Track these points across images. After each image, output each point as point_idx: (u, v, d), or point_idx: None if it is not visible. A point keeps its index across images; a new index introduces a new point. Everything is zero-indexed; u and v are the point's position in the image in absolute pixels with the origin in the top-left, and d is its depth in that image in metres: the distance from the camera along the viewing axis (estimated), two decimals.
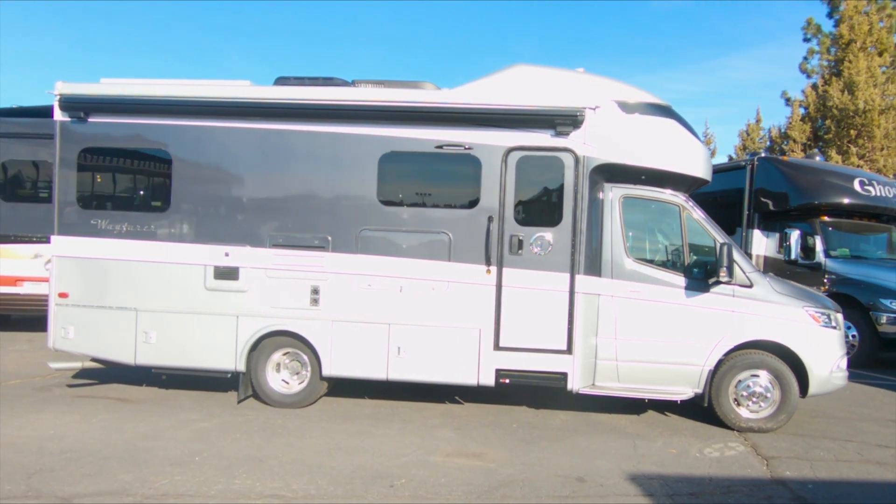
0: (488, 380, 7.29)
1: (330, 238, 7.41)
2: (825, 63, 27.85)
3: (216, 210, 7.55)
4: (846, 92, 23.41)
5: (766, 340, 7.19)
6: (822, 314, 7.26)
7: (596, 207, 7.29)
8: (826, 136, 24.55)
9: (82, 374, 8.93)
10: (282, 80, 7.69)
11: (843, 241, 13.10)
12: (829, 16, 28.02)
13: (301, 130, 7.42)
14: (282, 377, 7.76)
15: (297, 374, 7.75)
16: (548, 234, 7.18)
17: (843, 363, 7.31)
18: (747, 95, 51.56)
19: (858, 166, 21.34)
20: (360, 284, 7.39)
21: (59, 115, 7.69)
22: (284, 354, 7.71)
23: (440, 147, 7.27)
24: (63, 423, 6.81)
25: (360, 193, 7.38)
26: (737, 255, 7.15)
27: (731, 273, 6.98)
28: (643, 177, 7.34)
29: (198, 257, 7.56)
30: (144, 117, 7.58)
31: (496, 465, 5.92)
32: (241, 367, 7.58)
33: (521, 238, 7.20)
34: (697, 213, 7.36)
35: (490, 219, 7.22)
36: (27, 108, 8.28)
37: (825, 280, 12.28)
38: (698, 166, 7.41)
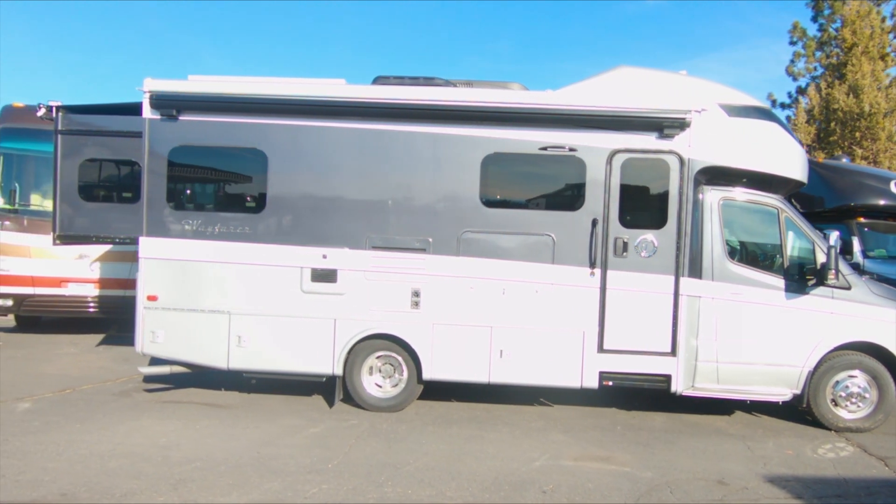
0: (592, 382, 7.29)
1: (430, 240, 7.33)
2: (812, 66, 28.49)
3: (313, 211, 7.42)
4: (851, 95, 23.88)
5: (864, 341, 7.30)
6: None
7: (697, 210, 7.32)
8: (831, 139, 25.03)
9: (151, 377, 8.72)
10: (381, 80, 7.59)
11: (880, 242, 13.36)
12: (814, 19, 28.76)
13: (401, 131, 7.32)
14: (374, 381, 7.66)
15: (390, 377, 7.66)
16: (653, 237, 7.20)
17: None
18: None
19: None
20: (462, 287, 7.33)
21: (148, 113, 7.48)
22: (378, 358, 7.62)
23: (544, 149, 7.24)
24: (170, 430, 6.64)
25: (462, 195, 7.32)
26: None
27: (838, 276, 7.07)
28: (744, 179, 7.39)
29: (294, 259, 7.43)
30: (239, 116, 7.41)
31: (631, 470, 5.92)
32: (339, 371, 7.47)
33: (625, 240, 7.21)
34: (796, 216, 7.44)
35: (594, 221, 7.22)
36: (106, 106, 8.02)
37: None
38: (798, 169, 7.50)
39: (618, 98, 7.17)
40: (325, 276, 7.41)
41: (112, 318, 12.35)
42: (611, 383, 7.29)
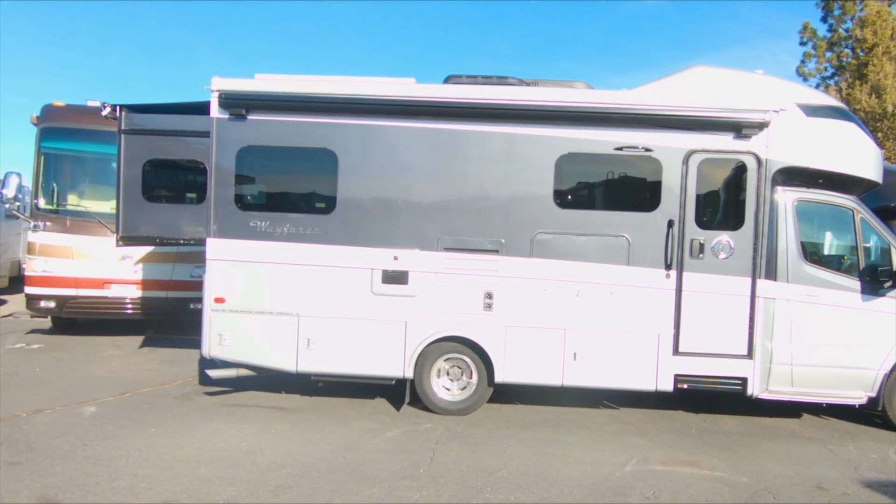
0: (667, 385, 7.20)
1: (503, 241, 7.24)
2: (823, 66, 28.46)
3: (384, 212, 7.33)
4: (873, 95, 23.81)
5: None
6: None
7: (772, 211, 7.23)
8: None
9: (217, 381, 8.63)
10: (453, 79, 7.50)
11: None
12: (824, 20, 28.75)
13: (475, 130, 7.23)
14: (442, 383, 7.58)
15: (458, 380, 7.58)
16: (730, 238, 7.12)
17: None
18: None
19: None
20: (535, 289, 7.25)
21: (216, 112, 7.39)
22: (446, 360, 7.53)
23: (620, 149, 7.15)
24: (247, 435, 6.55)
25: (536, 196, 7.23)
26: None
27: None
28: (820, 180, 7.31)
29: (364, 261, 7.34)
30: (309, 115, 7.32)
31: (724, 475, 5.84)
32: (409, 374, 7.38)
33: (702, 242, 7.12)
34: (871, 216, 7.36)
35: (670, 222, 7.13)
36: (170, 105, 7.93)
37: None
38: (874, 169, 7.42)
39: (694, 98, 7.09)
40: (396, 277, 7.32)
41: (152, 320, 12.30)
42: (686, 386, 7.21)
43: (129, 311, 11.69)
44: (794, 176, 7.26)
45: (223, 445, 6.21)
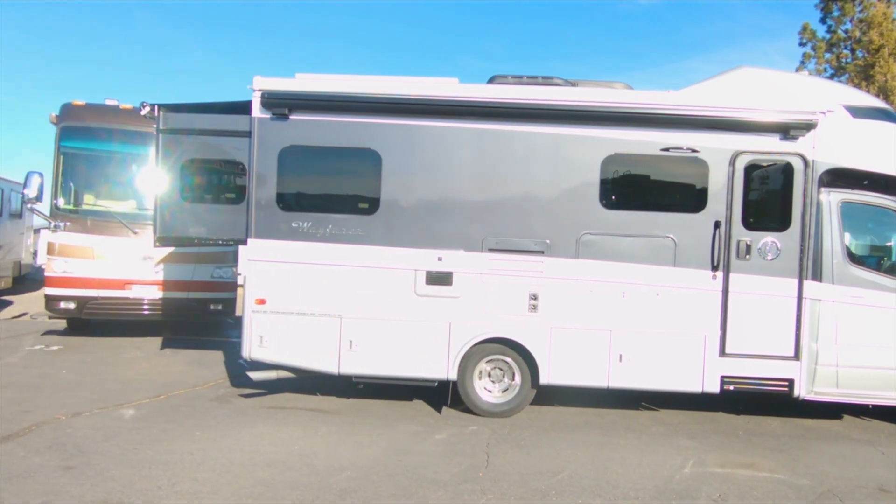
0: (713, 387, 7.17)
1: (549, 242, 7.20)
2: (822, 67, 28.64)
3: (428, 213, 7.27)
4: (880, 96, 23.93)
5: None
6: None
7: (818, 212, 7.22)
8: None
9: (234, 381, 8.55)
10: (498, 79, 7.45)
11: None
12: (822, 21, 28.97)
13: (520, 131, 7.18)
14: (483, 385, 7.52)
15: (499, 382, 7.53)
16: (776, 239, 7.10)
17: None
18: None
19: None
20: (581, 290, 7.21)
21: (257, 112, 7.30)
22: (487, 362, 7.47)
23: (666, 150, 7.12)
24: (295, 438, 6.47)
25: (582, 196, 7.19)
26: None
27: None
28: (865, 181, 7.30)
29: (408, 262, 7.27)
30: (352, 115, 7.25)
31: (784, 477, 5.81)
32: (453, 376, 7.32)
33: (748, 243, 7.10)
34: None
35: (717, 223, 7.11)
36: (206, 104, 7.83)
37: None
38: None
39: (741, 99, 7.06)
40: (440, 278, 7.25)
41: (171, 321, 12.18)
42: (732, 388, 7.18)
43: (150, 313, 11.57)
44: (839, 177, 7.25)
45: (274, 449, 6.12)
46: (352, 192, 7.60)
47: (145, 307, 11.51)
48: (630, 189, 7.40)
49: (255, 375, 7.52)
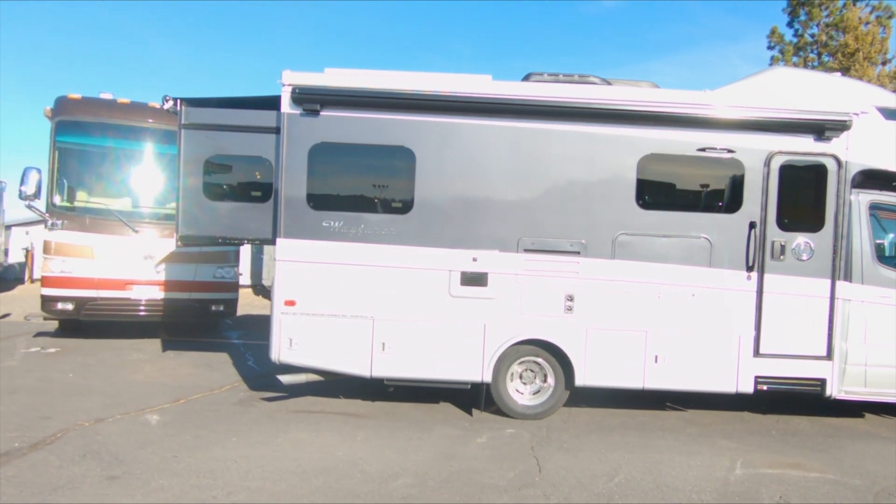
0: (747, 387, 7.20)
1: (585, 243, 7.14)
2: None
3: (463, 212, 7.14)
4: None
5: None
6: None
7: (849, 213, 7.29)
8: None
9: (251, 384, 8.33)
10: (534, 77, 7.36)
11: None
12: (790, 25, 29.60)
13: (557, 130, 7.10)
14: (515, 387, 7.43)
15: (531, 384, 7.45)
16: (810, 240, 7.15)
17: None
18: None
19: None
20: (617, 291, 7.16)
21: (287, 108, 7.09)
22: (519, 364, 7.39)
23: (702, 150, 7.12)
24: (335, 443, 6.29)
25: (618, 196, 7.14)
26: None
27: None
28: (894, 182, 7.39)
29: (442, 262, 7.14)
30: (385, 112, 7.09)
31: (835, 477, 5.84)
32: (488, 378, 7.22)
33: (782, 243, 7.14)
34: None
35: (752, 224, 7.13)
36: (229, 99, 7.57)
37: None
38: None
39: (777, 100, 7.09)
40: (475, 279, 7.14)
41: (169, 322, 11.84)
42: (766, 388, 7.22)
43: (150, 313, 11.23)
44: (869, 178, 7.33)
45: (319, 455, 5.94)
46: (385, 191, 7.43)
47: (146, 308, 11.16)
48: (666, 189, 7.38)
49: (285, 379, 7.30)
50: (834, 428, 7.46)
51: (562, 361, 7.26)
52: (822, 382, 7.21)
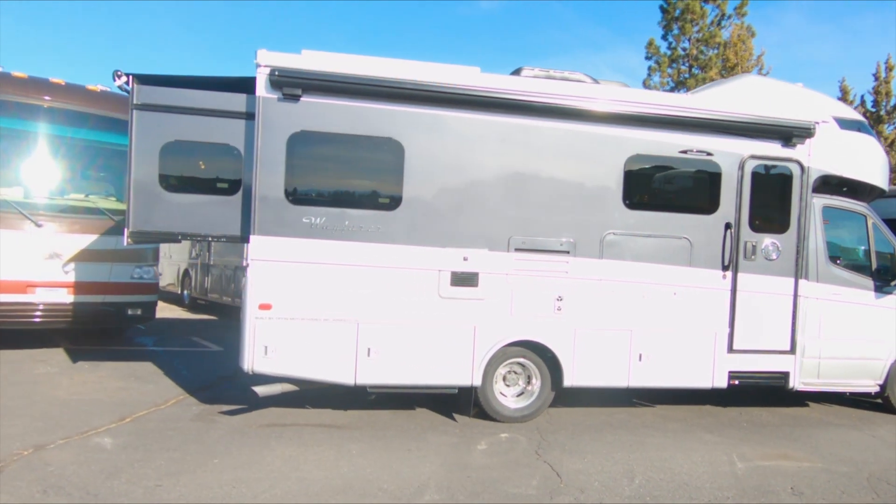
0: (721, 382, 7.45)
1: (574, 242, 7.06)
2: (665, 80, 31.54)
3: (453, 209, 6.83)
4: None
5: None
6: None
7: (809, 215, 7.73)
8: None
9: (199, 397, 7.56)
10: (524, 71, 7.16)
11: None
12: (664, 37, 31.84)
13: (546, 126, 6.97)
14: (499, 390, 7.24)
15: (514, 385, 7.28)
16: (777, 241, 7.52)
17: None
18: None
19: None
20: (604, 290, 7.15)
21: (263, 91, 6.43)
22: (504, 366, 7.20)
23: (684, 152, 7.27)
24: (332, 458, 5.76)
25: (606, 195, 7.13)
26: None
27: None
28: (845, 188, 7.94)
29: (432, 262, 6.79)
30: (372, 101, 6.62)
31: (823, 465, 6.15)
32: (478, 382, 6.95)
33: (754, 244, 7.45)
34: (879, 221, 8.14)
35: (727, 224, 7.38)
36: (193, 78, 6.73)
37: None
38: (885, 178, 8.20)
39: (752, 106, 7.38)
40: (465, 279, 6.85)
41: (75, 330, 10.50)
42: (737, 382, 7.51)
43: (56, 320, 9.89)
44: (823, 183, 7.82)
45: (322, 473, 5.40)
46: (372, 186, 6.95)
47: (50, 314, 9.81)
48: (651, 189, 7.46)
49: (261, 391, 6.62)
50: (792, 418, 7.91)
51: (549, 362, 7.13)
52: (786, 375, 7.61)
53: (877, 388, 8.07)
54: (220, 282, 15.94)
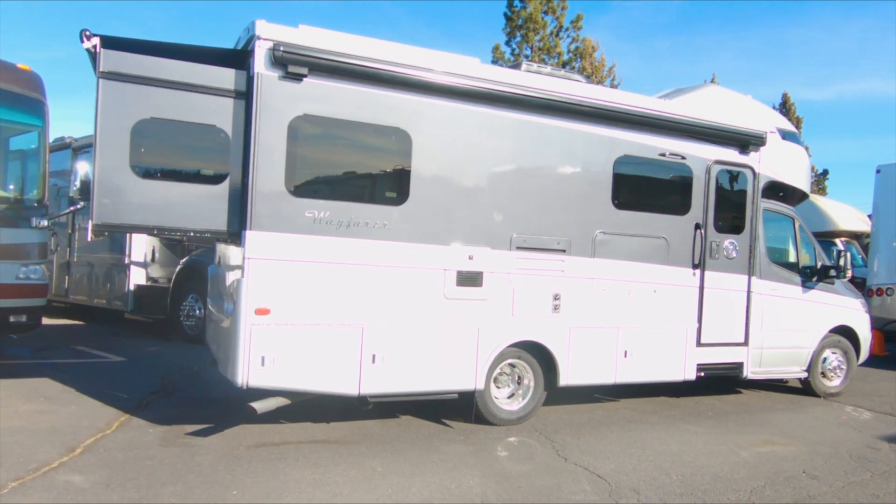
0: (691, 375, 7.85)
1: (570, 240, 7.06)
2: None
3: (459, 205, 6.51)
4: None
5: (842, 325, 9.23)
6: (864, 303, 9.64)
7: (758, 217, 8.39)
8: None
9: (146, 416, 6.59)
10: (524, 65, 7.01)
11: None
12: (507, 44, 33.59)
13: (548, 124, 6.89)
14: (493, 393, 7.05)
15: (507, 387, 7.14)
16: (735, 241, 8.07)
17: None
18: None
19: None
20: (596, 289, 7.23)
21: (262, 68, 5.67)
22: (498, 368, 7.03)
23: (663, 154, 7.55)
24: (361, 480, 5.21)
25: (597, 195, 7.21)
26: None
27: (840, 273, 8.83)
28: (781, 193, 8.73)
29: (438, 261, 6.42)
30: (380, 86, 6.10)
31: (805, 448, 6.68)
32: (481, 385, 6.70)
33: (717, 243, 7.94)
34: (802, 222, 9.06)
35: (697, 225, 7.78)
36: (174, 46, 5.67)
37: None
38: (808, 183, 9.11)
39: (717, 114, 7.84)
40: (471, 279, 6.57)
41: None
42: (703, 374, 7.96)
43: None
44: (766, 188, 8.53)
45: (372, 496, 4.87)
46: (379, 178, 6.39)
47: None
48: (634, 190, 7.63)
49: (259, 406, 5.82)
50: (740, 405, 8.54)
51: (542, 363, 7.06)
52: (741, 366, 8.21)
53: (804, 374, 8.96)
54: (89, 282, 13.95)
